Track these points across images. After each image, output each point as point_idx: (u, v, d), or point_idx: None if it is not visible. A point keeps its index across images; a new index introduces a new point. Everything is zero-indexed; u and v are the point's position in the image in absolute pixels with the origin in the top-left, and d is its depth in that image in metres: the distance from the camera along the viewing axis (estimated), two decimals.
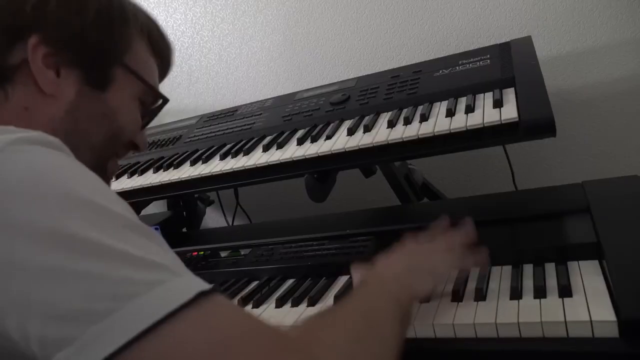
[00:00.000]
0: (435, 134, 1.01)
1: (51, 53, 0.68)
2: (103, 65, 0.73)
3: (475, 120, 1.00)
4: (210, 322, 0.47)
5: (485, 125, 0.98)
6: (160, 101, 0.84)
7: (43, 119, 0.68)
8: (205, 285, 0.50)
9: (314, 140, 1.18)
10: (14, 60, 0.67)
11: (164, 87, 0.86)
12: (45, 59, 0.67)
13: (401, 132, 1.06)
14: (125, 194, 1.38)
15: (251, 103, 1.65)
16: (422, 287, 0.83)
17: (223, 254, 1.40)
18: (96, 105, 0.72)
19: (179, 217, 1.75)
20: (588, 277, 0.85)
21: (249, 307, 1.10)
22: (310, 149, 1.14)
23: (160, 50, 0.83)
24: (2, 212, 0.47)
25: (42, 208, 0.48)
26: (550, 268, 0.91)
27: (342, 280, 1.10)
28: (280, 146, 1.22)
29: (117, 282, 0.46)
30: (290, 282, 1.18)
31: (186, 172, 1.29)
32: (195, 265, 1.38)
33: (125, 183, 1.39)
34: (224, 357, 0.46)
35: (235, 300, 1.14)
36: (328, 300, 1.04)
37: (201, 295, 0.48)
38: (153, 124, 1.60)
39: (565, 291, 0.81)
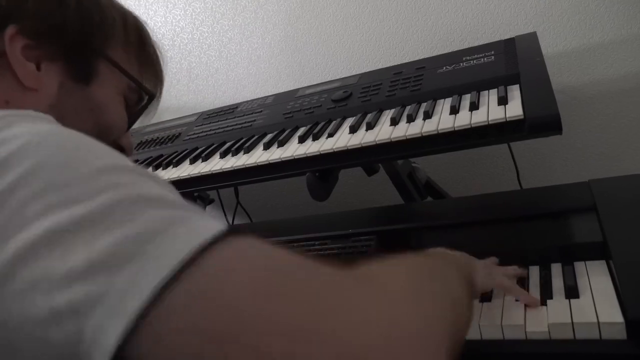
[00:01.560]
0: (439, 131, 1.01)
1: (30, 45, 0.66)
2: (86, 58, 0.71)
3: (479, 117, 0.99)
4: (259, 248, 0.43)
5: (490, 122, 0.97)
6: (146, 98, 0.82)
7: None
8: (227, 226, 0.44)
9: (316, 138, 1.18)
10: None
11: (164, 84, 0.86)
12: (25, 51, 0.65)
13: (404, 130, 1.05)
14: None
15: (252, 100, 1.65)
16: (485, 281, 0.84)
17: None
18: (81, 99, 0.71)
19: None
20: (595, 277, 0.85)
21: None
22: (312, 147, 1.14)
23: (142, 49, 0.81)
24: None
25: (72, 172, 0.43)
26: (556, 268, 0.91)
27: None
28: (281, 144, 1.21)
29: (148, 221, 0.40)
30: None
31: (185, 170, 1.29)
32: None
33: None
34: (281, 280, 0.40)
35: None
36: None
37: (229, 234, 0.43)
38: (152, 121, 1.59)
39: (571, 292, 0.81)
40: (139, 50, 0.79)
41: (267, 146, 1.23)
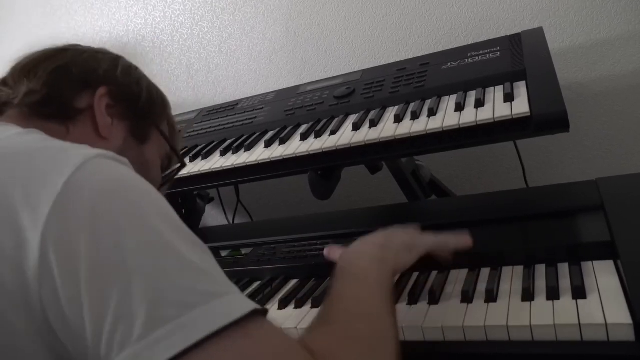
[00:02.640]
0: (444, 129, 1.01)
1: (111, 105, 0.85)
2: (145, 124, 0.92)
3: (485, 114, 0.99)
4: (262, 338, 0.56)
5: (496, 120, 0.97)
6: (178, 165, 1.04)
7: None
8: (256, 305, 0.57)
9: (318, 135, 1.18)
10: (81, 105, 0.82)
11: (163, 81, 0.87)
12: (107, 108, 0.84)
13: (408, 127, 1.05)
14: None
15: (252, 97, 1.65)
16: (401, 260, 0.89)
17: (223, 253, 1.40)
18: (136, 154, 0.89)
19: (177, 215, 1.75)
20: (602, 277, 0.85)
21: None
22: (314, 145, 1.14)
23: (176, 131, 1.04)
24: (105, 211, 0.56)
25: (138, 211, 0.59)
26: (563, 268, 0.91)
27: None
28: (282, 141, 1.22)
29: (186, 290, 0.54)
30: (293, 282, 1.17)
31: (185, 168, 1.29)
32: None
33: None
34: None
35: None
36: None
37: (253, 314, 0.55)
38: None
39: (578, 292, 0.81)
40: (174, 127, 1.02)
41: (268, 144, 1.23)
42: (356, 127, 1.14)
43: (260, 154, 1.20)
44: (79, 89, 0.83)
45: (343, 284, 0.80)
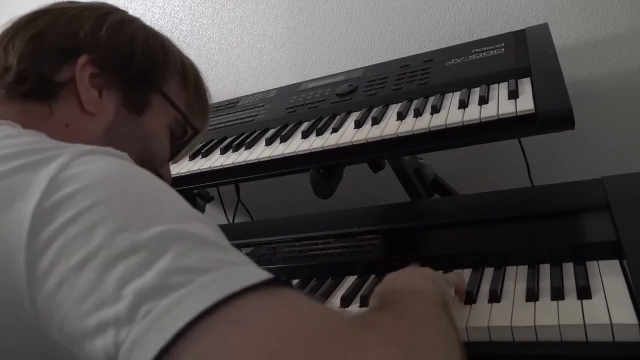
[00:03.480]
0: (447, 126, 1.01)
1: (97, 74, 0.75)
2: (142, 91, 0.81)
3: (489, 112, 0.99)
4: (296, 300, 0.48)
5: (500, 117, 0.97)
6: (191, 132, 0.90)
7: (82, 136, 0.73)
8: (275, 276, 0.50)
9: (320, 133, 1.18)
10: (62, 78, 0.73)
11: None
12: (91, 79, 0.75)
13: (411, 125, 1.05)
14: None
15: (253, 94, 1.65)
16: (448, 291, 0.84)
17: None
18: (132, 127, 0.80)
19: None
20: (608, 277, 0.85)
21: None
22: (315, 143, 1.14)
23: (197, 89, 0.92)
24: (99, 203, 0.50)
25: (135, 204, 0.52)
26: (568, 268, 0.91)
27: (349, 280, 1.10)
28: (284, 139, 1.22)
29: (197, 259, 0.48)
30: (294, 282, 1.18)
31: (185, 166, 1.29)
32: None
33: None
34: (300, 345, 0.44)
35: None
36: (334, 302, 1.04)
37: (274, 282, 0.48)
38: None
39: (584, 292, 0.81)
40: (191, 90, 0.90)
41: (269, 142, 1.23)
42: (358, 124, 1.14)
43: (261, 152, 1.20)
44: (58, 59, 0.74)
45: (403, 303, 0.70)
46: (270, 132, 1.31)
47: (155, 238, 0.48)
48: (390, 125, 1.09)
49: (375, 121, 1.13)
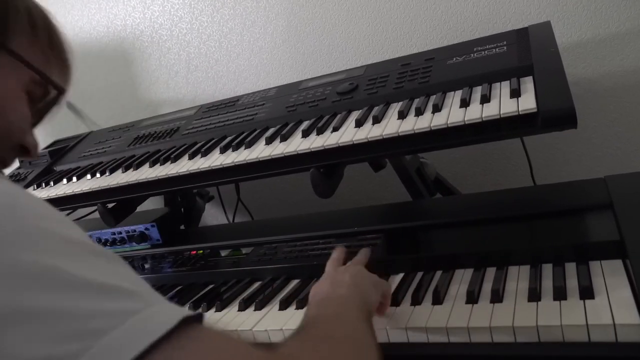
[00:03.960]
0: (449, 125, 1.01)
1: None
2: None
3: (491, 111, 0.99)
4: (197, 352, 0.45)
5: (502, 116, 0.97)
6: (54, 93, 0.79)
7: None
8: (186, 311, 0.48)
9: (320, 132, 1.18)
10: None
11: (162, 76, 0.86)
12: None
13: (412, 124, 1.05)
14: (119, 190, 1.38)
15: (253, 93, 1.65)
16: (373, 298, 0.87)
17: (223, 253, 1.41)
18: None
19: (176, 214, 1.75)
20: (611, 277, 0.85)
21: (251, 310, 1.11)
22: (316, 142, 1.14)
23: (51, 39, 0.79)
24: None
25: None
26: (570, 268, 0.91)
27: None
28: (284, 138, 1.22)
29: (87, 316, 0.43)
30: (294, 282, 1.18)
31: (184, 166, 1.29)
32: (193, 265, 1.39)
33: (120, 178, 1.39)
34: None
35: (237, 302, 1.14)
36: None
37: (184, 322, 0.46)
38: (150, 114, 1.59)
39: (586, 292, 0.81)
40: (44, 41, 0.77)
41: (269, 141, 1.23)
42: (359, 123, 1.14)
43: (261, 151, 1.20)
44: None
45: (320, 309, 0.77)
46: (271, 131, 1.31)
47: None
48: (392, 124, 1.09)
49: (376, 120, 1.13)
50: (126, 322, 0.43)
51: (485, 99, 1.05)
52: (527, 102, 0.98)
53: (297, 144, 1.17)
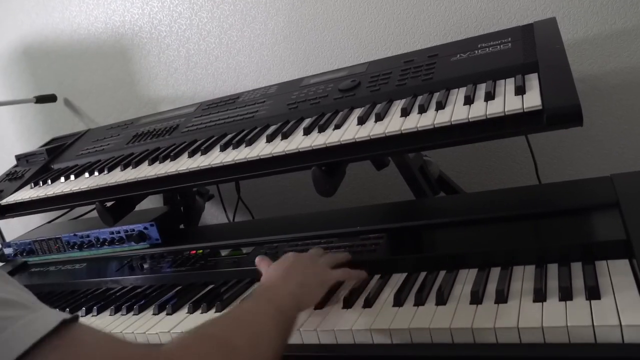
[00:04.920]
0: (453, 123, 1.01)
1: None
2: None
3: (495, 108, 0.99)
4: (76, 349, 0.51)
5: (507, 113, 0.97)
6: None
7: None
8: (64, 315, 0.52)
9: (322, 129, 1.18)
10: None
11: (161, 73, 0.86)
12: None
13: (416, 121, 1.05)
14: (118, 188, 1.39)
15: (254, 90, 1.65)
16: (314, 298, 1.00)
17: (223, 252, 1.41)
18: None
19: (176, 213, 1.76)
20: (617, 277, 0.85)
21: None
22: (317, 140, 1.14)
23: None
24: None
25: None
26: (576, 268, 0.91)
27: (352, 281, 1.10)
28: (285, 136, 1.22)
29: None
30: None
31: (184, 164, 1.29)
32: (193, 264, 1.39)
33: (119, 176, 1.39)
34: None
35: (237, 303, 1.14)
36: (336, 302, 1.04)
37: (62, 324, 0.51)
38: (149, 111, 1.59)
39: (592, 293, 0.81)
40: None
41: (270, 138, 1.23)
42: (361, 121, 1.14)
43: (261, 149, 1.20)
44: None
45: (244, 303, 0.85)
46: (272, 128, 1.31)
47: None
48: (394, 122, 1.09)
49: (379, 117, 1.13)
50: (8, 329, 0.48)
51: (489, 96, 1.04)
52: (532, 99, 0.97)
53: (298, 141, 1.17)
